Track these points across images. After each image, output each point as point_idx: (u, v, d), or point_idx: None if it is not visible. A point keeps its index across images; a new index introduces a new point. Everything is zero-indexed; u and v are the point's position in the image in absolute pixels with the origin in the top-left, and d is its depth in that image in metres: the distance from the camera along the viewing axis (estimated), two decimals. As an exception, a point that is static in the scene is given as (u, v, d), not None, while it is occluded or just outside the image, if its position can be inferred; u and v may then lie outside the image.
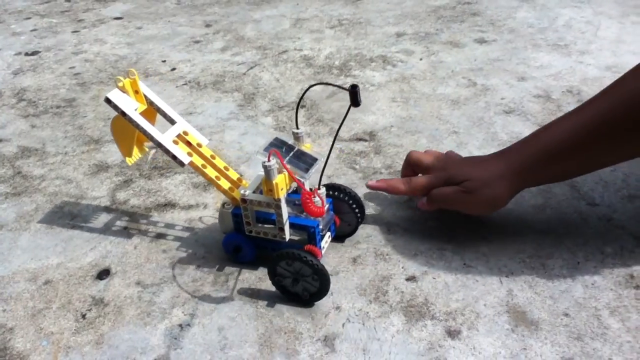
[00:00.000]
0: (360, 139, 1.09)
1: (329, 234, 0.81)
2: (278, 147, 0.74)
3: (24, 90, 1.38)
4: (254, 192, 0.75)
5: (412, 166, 0.87)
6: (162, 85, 1.36)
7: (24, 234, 0.91)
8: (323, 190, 0.75)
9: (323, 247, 0.78)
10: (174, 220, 0.91)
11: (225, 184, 0.79)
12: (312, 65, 1.41)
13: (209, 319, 0.73)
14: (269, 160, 0.69)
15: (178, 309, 0.75)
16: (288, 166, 0.72)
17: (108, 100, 0.76)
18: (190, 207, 0.94)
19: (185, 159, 0.76)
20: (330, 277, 0.77)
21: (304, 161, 0.75)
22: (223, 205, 0.80)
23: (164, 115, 0.83)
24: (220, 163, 0.81)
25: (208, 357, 0.68)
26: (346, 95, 0.64)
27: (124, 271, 0.82)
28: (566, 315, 0.70)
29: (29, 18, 1.90)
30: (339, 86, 0.71)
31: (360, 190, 0.94)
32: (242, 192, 0.75)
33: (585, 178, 0.93)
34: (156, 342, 0.71)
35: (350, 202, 0.82)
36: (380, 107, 1.20)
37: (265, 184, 0.71)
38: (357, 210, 0.82)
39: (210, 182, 0.79)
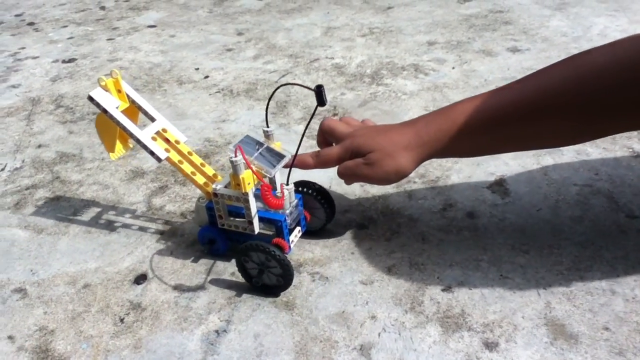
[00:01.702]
0: (393, 148, 1.09)
1: (298, 228, 0.83)
2: (248, 144, 0.78)
3: (61, 96, 1.41)
4: (225, 187, 0.79)
5: (325, 135, 0.85)
6: (195, 92, 1.38)
7: (63, 238, 0.92)
8: (291, 186, 0.79)
9: (292, 241, 0.81)
10: (209, 226, 0.92)
11: (200, 179, 0.83)
12: (343, 74, 1.41)
13: (245, 325, 0.74)
14: (235, 156, 0.73)
15: (214, 315, 0.76)
16: (255, 162, 0.76)
17: (91, 98, 0.81)
18: (224, 213, 0.95)
19: (162, 155, 0.81)
20: (365, 286, 0.78)
21: (271, 158, 0.78)
22: (198, 199, 0.84)
23: (145, 113, 0.87)
24: (196, 159, 0.85)
25: (244, 363, 0.69)
26: (379, 104, 0.65)
27: (160, 276, 0.83)
28: (606, 329, 0.69)
29: (66, 26, 1.94)
30: (304, 86, 0.75)
31: (393, 201, 0.94)
32: (213, 186, 0.78)
33: (623, 190, 0.92)
34: (193, 348, 0.71)
35: (319, 197, 0.85)
36: (413, 116, 1.19)
37: (233, 179, 0.75)
38: (325, 206, 0.85)
39: (186, 178, 0.83)
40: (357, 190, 0.98)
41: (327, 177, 1.01)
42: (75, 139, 1.22)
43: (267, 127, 0.80)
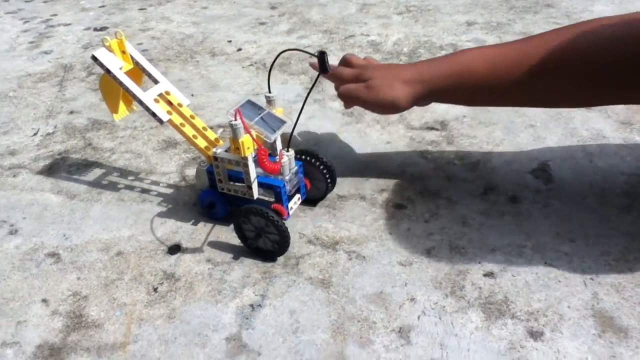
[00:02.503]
0: (431, 128, 1.06)
1: (298, 195, 0.83)
2: (249, 108, 0.77)
3: (93, 64, 1.39)
4: (226, 151, 0.78)
5: (344, 64, 0.91)
6: (228, 65, 1.36)
7: (96, 205, 0.91)
8: (291, 152, 0.78)
9: (291, 208, 0.81)
10: (243, 199, 0.90)
11: (201, 143, 0.82)
12: (379, 51, 1.38)
13: (280, 301, 0.72)
14: (235, 120, 0.72)
15: (249, 289, 0.74)
16: (255, 127, 0.75)
17: (94, 58, 0.81)
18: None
19: (164, 117, 0.80)
20: (403, 267, 0.76)
21: (272, 123, 0.78)
22: (199, 163, 0.84)
23: (149, 75, 0.86)
24: (199, 123, 0.84)
25: (280, 339, 0.67)
26: None
27: (194, 248, 0.81)
28: (657, 323, 0.66)
29: (97, -6, 1.93)
30: (307, 52, 0.76)
31: (431, 182, 0.91)
32: (214, 150, 0.78)
33: (674, 181, 0.88)
34: (227, 321, 0.70)
35: (322, 167, 0.84)
36: (452, 97, 1.16)
37: (233, 143, 0.74)
38: (327, 177, 0.85)
39: (188, 141, 0.82)
40: (394, 169, 0.95)
41: (364, 156, 0.99)
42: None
43: (269, 92, 0.80)
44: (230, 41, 1.49)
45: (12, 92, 1.29)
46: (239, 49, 1.44)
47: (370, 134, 1.05)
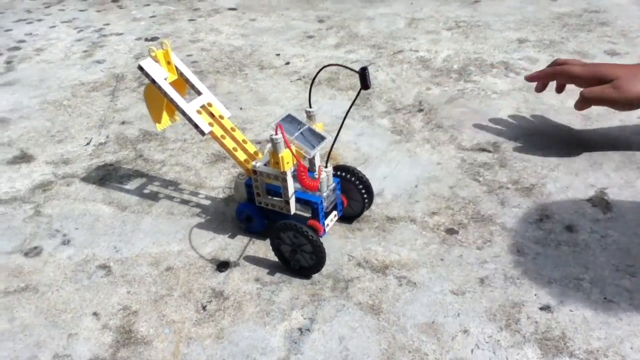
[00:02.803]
0: (483, 150, 1.04)
1: (335, 212, 0.82)
2: (289, 122, 0.77)
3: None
4: (265, 165, 0.78)
5: (557, 64, 1.04)
6: (276, 78, 1.36)
7: (146, 218, 0.92)
8: (330, 169, 0.78)
9: (327, 225, 0.80)
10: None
11: (241, 156, 0.83)
12: (429, 68, 1.36)
13: (329, 326, 0.71)
14: (276, 134, 0.72)
15: (297, 312, 0.73)
16: (295, 142, 0.75)
17: (141, 68, 0.83)
18: (307, 206, 0.92)
19: (206, 128, 0.81)
20: (456, 296, 0.74)
21: (312, 138, 0.77)
22: (238, 176, 0.84)
23: (192, 86, 0.87)
24: (239, 136, 0.85)
25: (329, 366, 0.66)
26: (468, 102, 0.62)
27: (243, 265, 0.81)
28: None
29: (148, 5, 1.96)
30: (349, 68, 0.74)
31: (484, 207, 0.89)
32: (253, 163, 0.78)
33: None
34: (276, 344, 0.69)
35: (359, 185, 0.83)
36: (504, 117, 1.14)
37: (273, 157, 0.74)
38: (364, 194, 0.84)
39: (228, 153, 0.83)
40: (445, 191, 0.93)
41: (414, 177, 0.97)
42: (158, 117, 1.22)
43: (310, 107, 0.80)
44: (278, 54, 1.49)
45: (67, 100, 1.32)
46: (287, 63, 1.44)
47: (420, 154, 1.04)
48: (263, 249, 0.84)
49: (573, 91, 1.21)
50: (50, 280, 0.80)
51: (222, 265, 0.82)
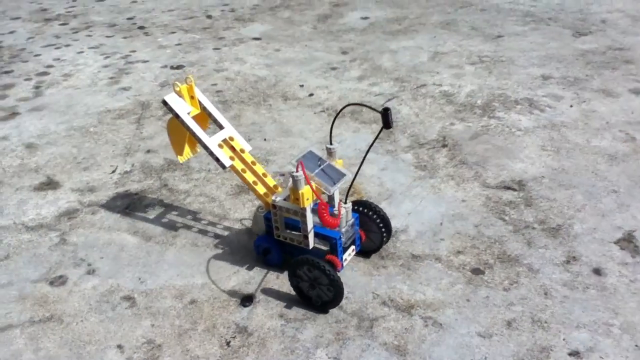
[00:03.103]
0: (508, 188, 1.03)
1: (353, 247, 0.83)
2: (310, 159, 0.79)
3: (170, 103, 1.44)
4: (284, 199, 0.79)
5: None
6: (300, 110, 1.37)
7: (171, 249, 0.93)
8: (349, 205, 0.79)
9: (345, 259, 0.81)
10: (315, 253, 0.90)
11: (261, 189, 0.84)
12: (452, 103, 1.37)
13: (354, 366, 0.70)
14: (297, 171, 0.74)
15: (322, 351, 0.73)
16: (316, 178, 0.76)
17: (165, 103, 0.84)
18: (331, 241, 0.92)
19: (227, 162, 0.83)
20: (483, 339, 0.73)
21: (332, 175, 0.79)
22: (257, 208, 0.85)
23: (215, 120, 0.89)
24: (259, 169, 0.86)
25: (354, 409, 0.65)
26: (492, 138, 0.62)
27: (266, 300, 0.81)
28: None
29: (174, 32, 2.00)
30: (372, 108, 0.76)
31: (510, 247, 0.88)
32: (273, 198, 0.79)
33: None
34: (300, 384, 0.69)
35: (377, 220, 0.84)
36: (529, 155, 1.13)
37: (293, 193, 0.76)
38: (383, 229, 0.85)
39: (248, 186, 0.84)
40: (470, 230, 0.93)
41: (438, 214, 0.97)
42: (183, 147, 1.23)
43: (331, 144, 0.81)
44: (302, 85, 1.51)
45: (93, 127, 1.34)
46: (311, 94, 1.45)
47: (444, 191, 1.03)
48: (287, 283, 0.83)
49: (598, 130, 1.20)
50: (75, 311, 0.81)
51: (246, 300, 0.81)
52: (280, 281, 0.84)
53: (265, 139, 1.24)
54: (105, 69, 1.70)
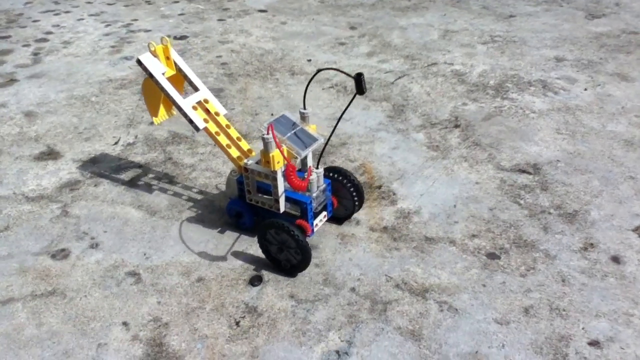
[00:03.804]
0: (523, 171, 1.01)
1: (325, 213, 0.83)
2: (283, 123, 0.78)
3: (173, 74, 1.40)
4: (257, 163, 0.78)
5: None
6: (308, 85, 1.34)
7: (176, 224, 0.90)
8: (321, 170, 0.79)
9: (316, 225, 0.81)
10: (325, 232, 0.87)
11: (234, 153, 0.83)
12: (464, 82, 1.33)
13: (368, 350, 0.68)
14: (267, 134, 0.73)
15: (334, 333, 0.70)
16: (287, 142, 0.76)
17: (139, 62, 0.83)
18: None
19: (201, 124, 0.82)
20: (500, 326, 0.71)
21: (304, 139, 0.78)
22: (231, 172, 0.85)
23: (190, 82, 0.88)
24: (234, 133, 0.85)
25: (369, 394, 0.63)
26: (505, 120, 0.61)
27: (276, 280, 0.79)
28: None
29: (177, 1, 1.94)
30: (344, 72, 0.75)
31: (526, 232, 0.86)
32: (245, 161, 0.79)
33: None
34: (313, 367, 0.66)
35: (350, 187, 0.84)
36: (544, 138, 1.11)
37: (263, 156, 0.75)
38: (355, 197, 0.85)
39: (221, 149, 0.83)
40: (485, 213, 0.90)
41: (452, 196, 0.94)
42: (187, 119, 1.19)
43: (304, 109, 0.80)
44: (309, 60, 1.47)
45: (94, 97, 1.30)
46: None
47: (457, 172, 1.01)
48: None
49: (614, 114, 1.18)
50: (78, 285, 0.78)
51: (255, 279, 0.79)
52: (290, 260, 0.82)
53: (272, 114, 1.20)
54: (106, 37, 1.66)
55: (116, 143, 1.12)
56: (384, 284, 0.77)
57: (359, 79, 0.71)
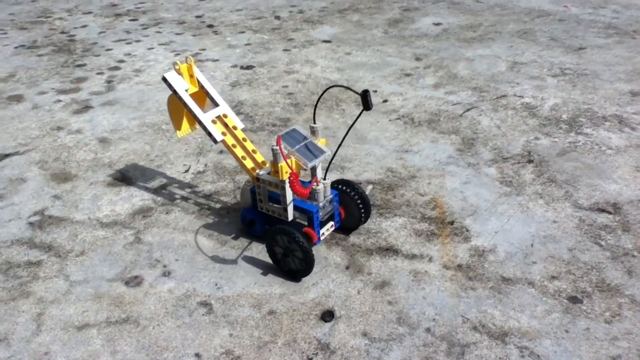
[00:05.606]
0: (602, 210, 0.96)
1: (332, 222, 0.86)
2: (292, 136, 0.82)
3: (241, 103, 1.42)
4: (269, 174, 0.82)
5: None
6: (374, 116, 1.33)
7: (246, 254, 0.90)
8: (328, 181, 0.82)
9: (323, 234, 0.84)
10: (397, 268, 0.85)
11: (249, 164, 0.87)
12: (535, 116, 1.30)
13: (446, 396, 0.65)
14: (277, 145, 0.77)
15: (410, 376, 0.68)
16: (296, 153, 0.80)
17: (164, 79, 0.89)
18: (413, 257, 0.88)
19: (219, 137, 0.87)
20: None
21: (312, 152, 0.82)
22: (246, 182, 0.90)
23: (211, 98, 0.93)
24: (249, 146, 0.90)
25: None
26: (581, 156, 0.60)
27: (348, 317, 0.77)
28: None
29: (243, 32, 1.99)
30: (350, 89, 0.80)
31: (609, 275, 0.82)
32: (257, 171, 0.83)
33: None
34: (389, 411, 0.64)
35: (357, 199, 0.87)
36: (622, 176, 1.06)
37: (273, 166, 0.79)
38: (362, 208, 0.88)
39: (237, 161, 0.87)
40: (564, 254, 0.87)
41: (528, 234, 0.91)
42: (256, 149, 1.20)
43: (314, 123, 0.84)
44: (375, 91, 1.47)
45: (165, 124, 1.33)
46: (385, 100, 1.41)
47: (533, 210, 0.97)
48: (369, 300, 0.79)
49: (702, 153, 1.12)
50: (151, 314, 0.79)
51: (327, 314, 0.77)
52: (362, 297, 0.80)
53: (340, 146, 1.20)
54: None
55: (187, 171, 1.14)
56: (461, 326, 0.75)
57: (365, 95, 0.75)
